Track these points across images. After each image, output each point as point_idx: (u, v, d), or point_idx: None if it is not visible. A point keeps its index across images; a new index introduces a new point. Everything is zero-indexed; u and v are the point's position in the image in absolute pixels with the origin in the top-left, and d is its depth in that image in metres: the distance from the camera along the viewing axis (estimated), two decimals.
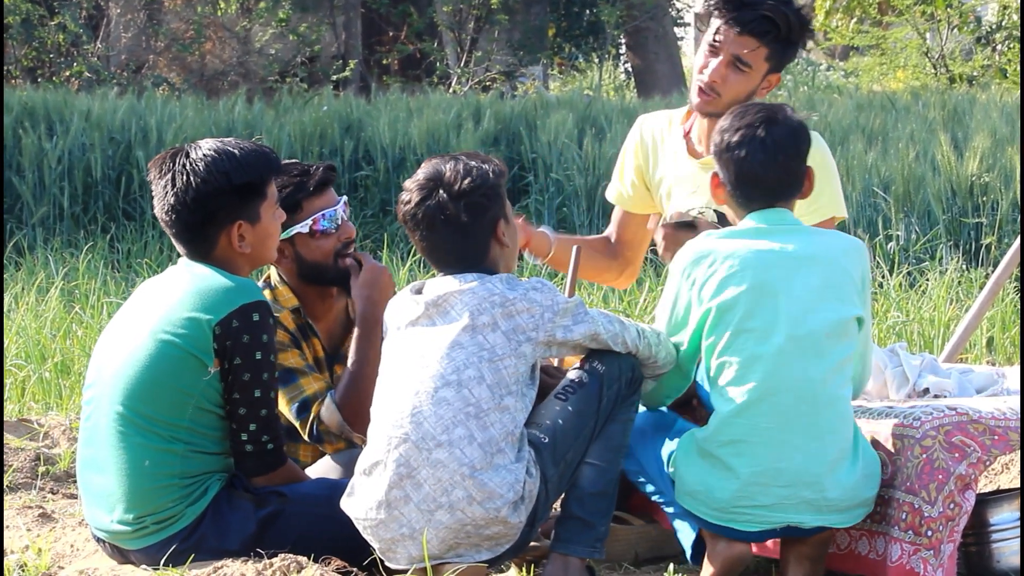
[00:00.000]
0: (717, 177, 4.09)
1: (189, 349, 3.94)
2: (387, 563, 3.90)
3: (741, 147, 4.02)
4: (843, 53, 29.62)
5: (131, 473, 3.96)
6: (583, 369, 3.96)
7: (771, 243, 3.96)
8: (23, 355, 7.26)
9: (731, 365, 3.92)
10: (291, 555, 3.85)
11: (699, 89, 4.64)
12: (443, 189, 3.92)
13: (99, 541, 4.11)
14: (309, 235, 4.44)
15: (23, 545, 4.42)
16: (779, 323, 3.90)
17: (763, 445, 3.89)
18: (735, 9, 4.57)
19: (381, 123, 13.04)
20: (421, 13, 20.22)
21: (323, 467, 4.37)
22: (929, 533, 3.89)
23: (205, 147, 4.03)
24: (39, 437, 6.01)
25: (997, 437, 3.99)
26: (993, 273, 5.71)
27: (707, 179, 4.59)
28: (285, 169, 4.41)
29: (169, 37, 18.63)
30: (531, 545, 4.05)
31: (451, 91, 18.48)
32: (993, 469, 5.22)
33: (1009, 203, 10.60)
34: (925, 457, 3.93)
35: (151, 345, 3.96)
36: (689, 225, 4.41)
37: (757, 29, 4.56)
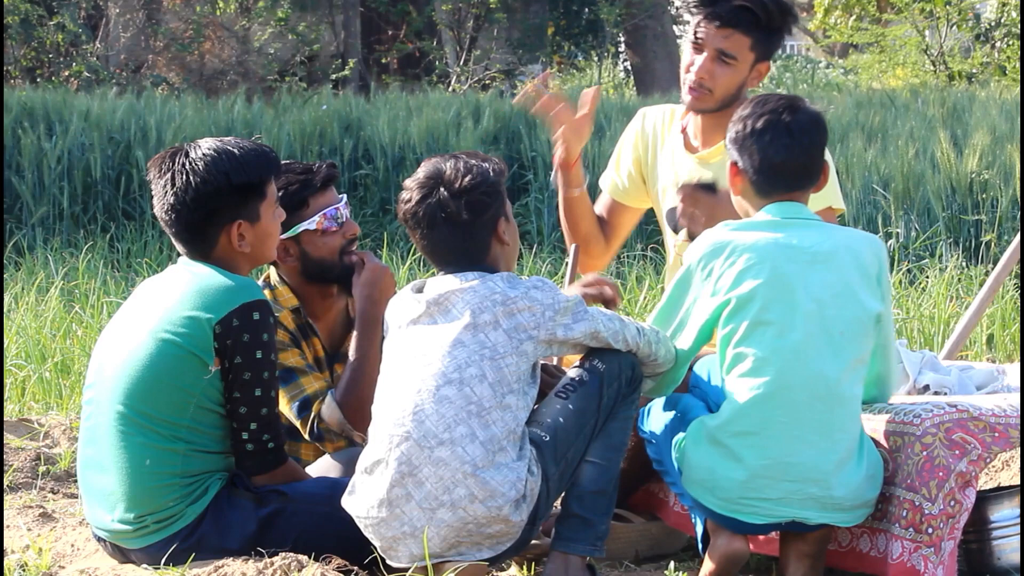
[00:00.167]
0: (735, 166, 4.06)
1: (189, 348, 3.93)
2: (388, 561, 3.89)
3: (766, 132, 4.00)
4: (842, 51, 29.64)
5: (132, 472, 3.96)
6: (583, 367, 3.95)
7: (789, 237, 3.95)
8: (23, 355, 7.25)
9: (747, 357, 3.91)
10: (292, 554, 3.84)
11: (689, 88, 4.65)
12: (444, 188, 3.91)
13: (100, 540, 4.11)
14: (316, 232, 4.44)
15: (24, 545, 4.42)
16: (796, 319, 3.90)
17: (775, 438, 3.89)
18: (710, 4, 4.58)
19: (380, 122, 13.04)
20: (420, 12, 20.23)
21: (323, 466, 4.37)
22: (930, 530, 3.89)
23: (205, 146, 4.02)
24: (39, 437, 6.00)
25: (997, 434, 3.99)
26: (993, 270, 5.71)
27: (702, 173, 4.59)
28: (288, 168, 4.41)
29: (168, 36, 18.63)
30: (532, 543, 4.05)
31: (450, 90, 18.49)
32: (994, 466, 5.21)
33: (1009, 200, 10.59)
34: (926, 454, 3.92)
35: (151, 344, 3.96)
36: (710, 188, 4.37)
37: (736, 20, 4.57)
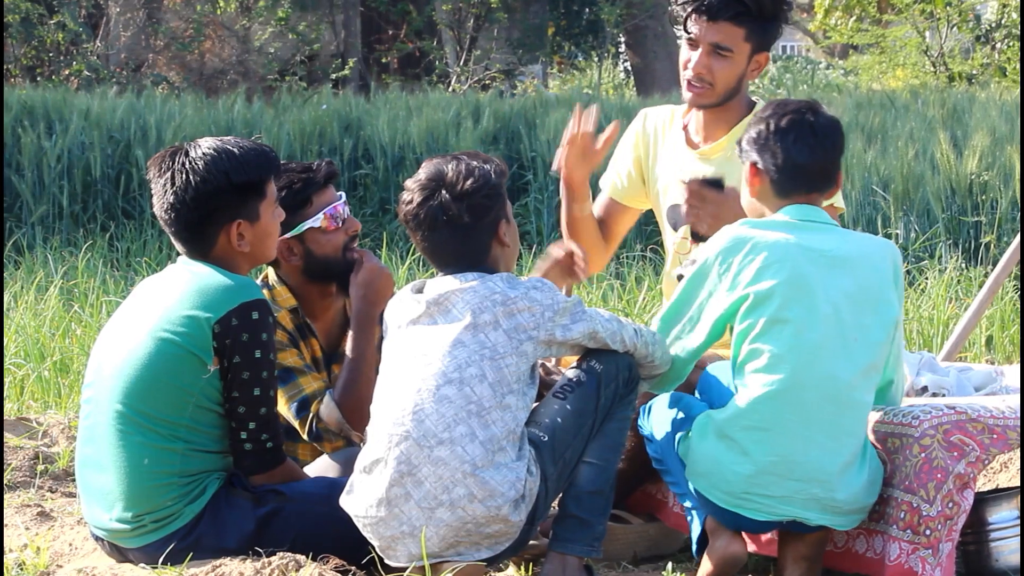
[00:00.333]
0: (755, 167, 4.06)
1: (188, 347, 3.93)
2: (386, 561, 3.89)
3: (790, 132, 4.01)
4: (842, 51, 29.64)
5: (130, 471, 3.96)
6: (581, 368, 3.95)
7: (808, 240, 3.96)
8: (22, 354, 7.25)
9: (763, 353, 3.91)
10: (290, 553, 3.84)
11: (688, 84, 4.65)
12: (445, 190, 3.91)
13: (98, 539, 4.11)
14: (320, 230, 4.44)
15: (22, 543, 4.42)
16: (814, 319, 3.90)
17: (784, 436, 3.89)
18: None
19: (380, 122, 13.05)
20: (420, 12, 20.23)
21: (321, 465, 4.37)
22: (928, 532, 3.89)
23: (205, 146, 4.02)
24: (38, 436, 6.00)
25: (996, 436, 3.99)
26: (992, 271, 5.71)
27: (704, 169, 4.58)
28: (287, 168, 4.41)
29: (168, 36, 18.64)
30: (530, 544, 4.05)
31: (450, 90, 18.50)
32: (992, 468, 5.21)
33: (1008, 201, 10.59)
34: (924, 456, 3.92)
35: (150, 343, 3.95)
36: (716, 184, 4.37)
37: (727, 13, 4.57)
